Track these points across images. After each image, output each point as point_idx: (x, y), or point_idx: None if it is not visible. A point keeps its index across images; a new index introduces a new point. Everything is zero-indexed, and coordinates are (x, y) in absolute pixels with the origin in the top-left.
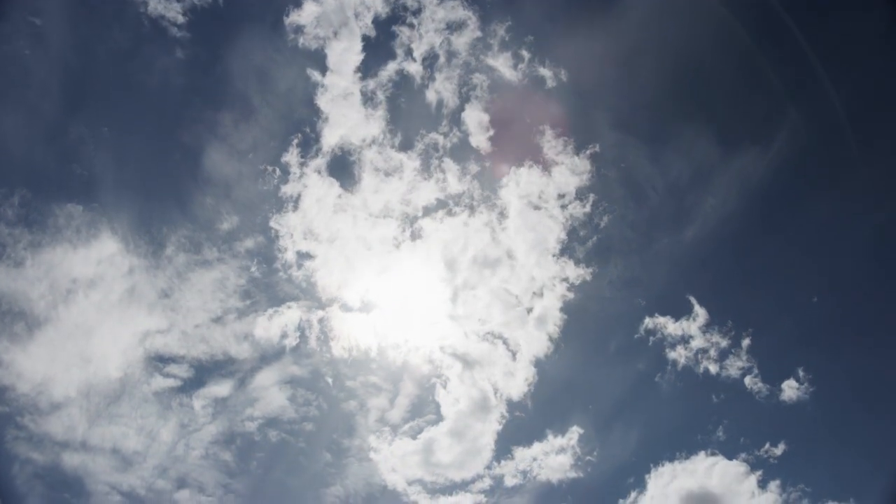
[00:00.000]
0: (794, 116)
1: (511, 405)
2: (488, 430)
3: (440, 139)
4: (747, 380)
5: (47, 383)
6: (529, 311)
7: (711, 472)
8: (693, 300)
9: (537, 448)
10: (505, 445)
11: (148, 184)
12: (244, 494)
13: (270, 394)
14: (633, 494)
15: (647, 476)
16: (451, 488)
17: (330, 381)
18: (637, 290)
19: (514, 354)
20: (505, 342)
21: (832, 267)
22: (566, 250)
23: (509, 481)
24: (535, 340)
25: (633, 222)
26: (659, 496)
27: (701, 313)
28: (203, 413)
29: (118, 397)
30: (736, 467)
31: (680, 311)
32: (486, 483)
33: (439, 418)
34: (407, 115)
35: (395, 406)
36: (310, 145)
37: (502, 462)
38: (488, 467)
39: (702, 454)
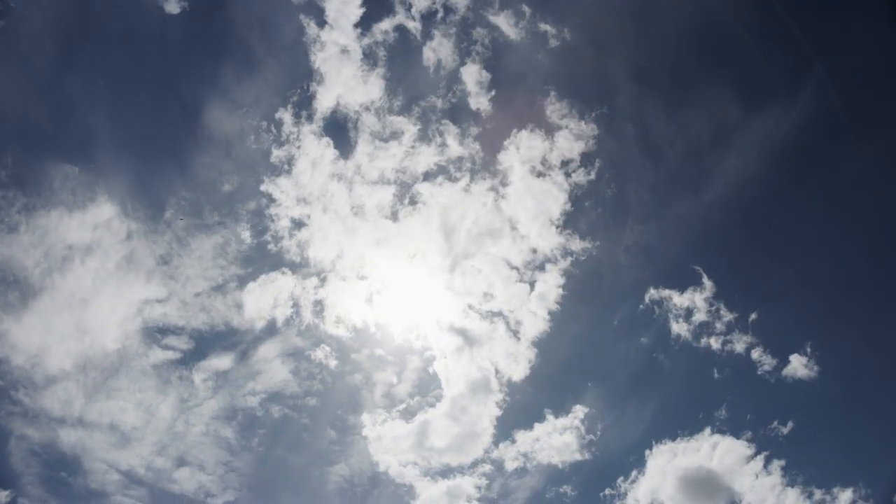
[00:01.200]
0: (820, 72)
1: (511, 385)
2: (488, 408)
3: (439, 102)
4: (754, 355)
5: (42, 355)
6: (531, 284)
7: (714, 451)
8: (702, 271)
9: (538, 429)
10: (506, 425)
11: (146, 141)
12: (246, 473)
13: (273, 367)
14: (633, 473)
15: (647, 454)
16: (451, 470)
17: (332, 354)
18: (645, 259)
19: (514, 331)
20: (505, 319)
21: (853, 237)
22: (570, 220)
23: (510, 463)
24: (536, 316)
25: (650, 185)
26: (660, 475)
27: (709, 285)
28: (203, 387)
29: (116, 371)
30: (740, 446)
31: (687, 283)
32: (487, 466)
33: (438, 399)
34: (405, 75)
35: (396, 384)
36: (305, 106)
37: (501, 445)
38: (488, 450)
39: (705, 432)
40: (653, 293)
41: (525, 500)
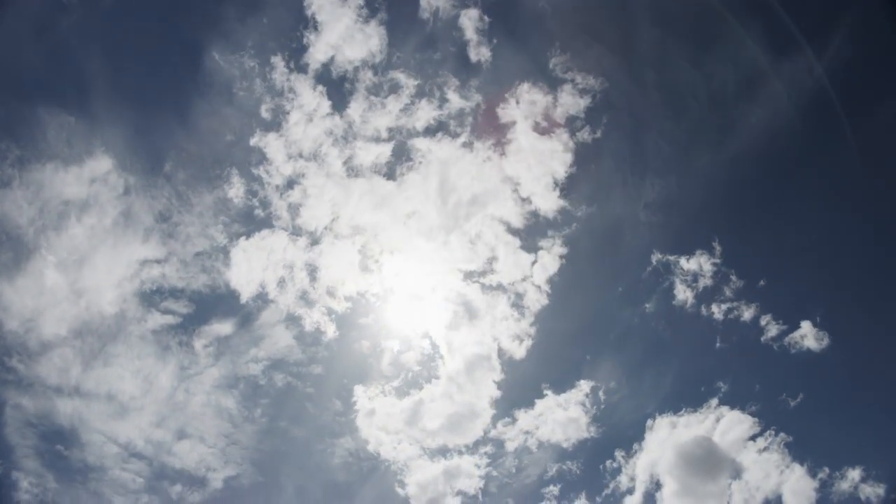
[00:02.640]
0: (853, 15)
1: (512, 360)
2: (489, 383)
3: (437, 54)
4: (762, 324)
5: (36, 320)
6: (533, 251)
7: (719, 424)
8: (714, 236)
9: (541, 406)
10: (507, 401)
11: (144, 88)
12: (247, 446)
13: (276, 332)
14: (636, 447)
15: (651, 426)
16: (448, 450)
17: (331, 320)
18: (665, 217)
19: (515, 302)
20: (506, 288)
21: (886, 199)
22: (576, 180)
23: (510, 443)
24: (537, 285)
25: (671, 137)
26: (663, 448)
27: (719, 250)
28: (204, 354)
29: (113, 337)
30: (745, 419)
31: (697, 246)
32: (488, 445)
33: (436, 375)
34: (403, 25)
35: (393, 356)
36: (298, 56)
37: (502, 422)
38: (486, 430)
39: (711, 403)
40: (660, 257)
41: (528, 479)
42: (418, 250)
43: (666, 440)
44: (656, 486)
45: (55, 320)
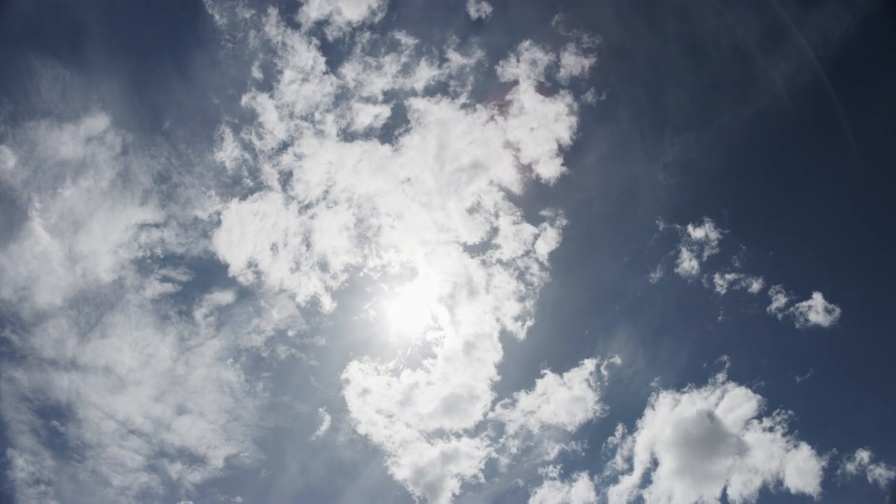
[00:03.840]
0: None
1: (512, 339)
2: (489, 362)
3: (437, 12)
4: (771, 297)
5: (31, 288)
6: (536, 221)
7: (723, 401)
8: (729, 200)
9: (541, 386)
10: (507, 382)
11: (141, 39)
12: (249, 423)
13: (279, 301)
14: (639, 424)
15: (656, 403)
16: (446, 433)
17: (329, 291)
18: (673, 183)
19: (516, 276)
20: (506, 264)
21: None
22: (581, 143)
23: (511, 425)
24: (539, 257)
25: (691, 92)
26: (667, 425)
27: (730, 217)
28: (205, 324)
29: (111, 306)
30: (751, 396)
31: (708, 213)
32: (489, 426)
33: (433, 354)
34: None
35: (389, 333)
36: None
37: (500, 405)
38: (486, 412)
39: (717, 379)
40: (669, 226)
41: (529, 460)
42: (416, 220)
43: (669, 419)
44: (656, 465)
45: (50, 289)
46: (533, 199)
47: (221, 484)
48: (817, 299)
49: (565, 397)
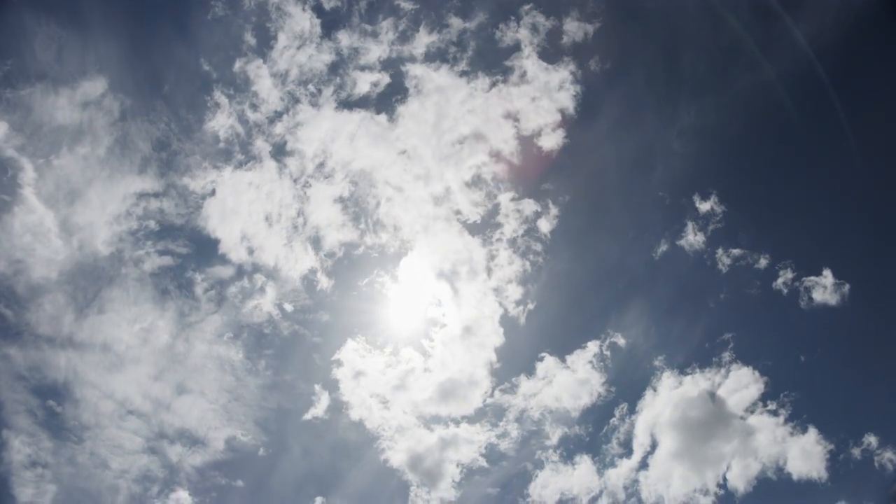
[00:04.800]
0: None
1: (512, 321)
2: (488, 348)
3: None
4: (777, 276)
5: (25, 261)
6: (537, 196)
7: (727, 382)
8: (737, 175)
9: (541, 370)
10: (507, 366)
11: None
12: (251, 403)
13: (281, 275)
14: (641, 406)
15: (659, 384)
16: (443, 419)
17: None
18: (689, 151)
19: (516, 254)
20: (505, 242)
21: None
22: (588, 112)
23: (512, 410)
24: (541, 235)
25: (708, 55)
26: (667, 409)
27: (741, 191)
28: (205, 299)
29: (109, 280)
30: (756, 378)
31: (714, 187)
32: (489, 411)
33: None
34: None
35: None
36: None
37: (500, 389)
38: (485, 397)
39: (722, 359)
40: (674, 200)
41: (530, 445)
42: (414, 195)
43: (673, 401)
44: (660, 448)
45: (45, 262)
46: (536, 173)
47: (222, 467)
48: (827, 276)
49: (567, 380)
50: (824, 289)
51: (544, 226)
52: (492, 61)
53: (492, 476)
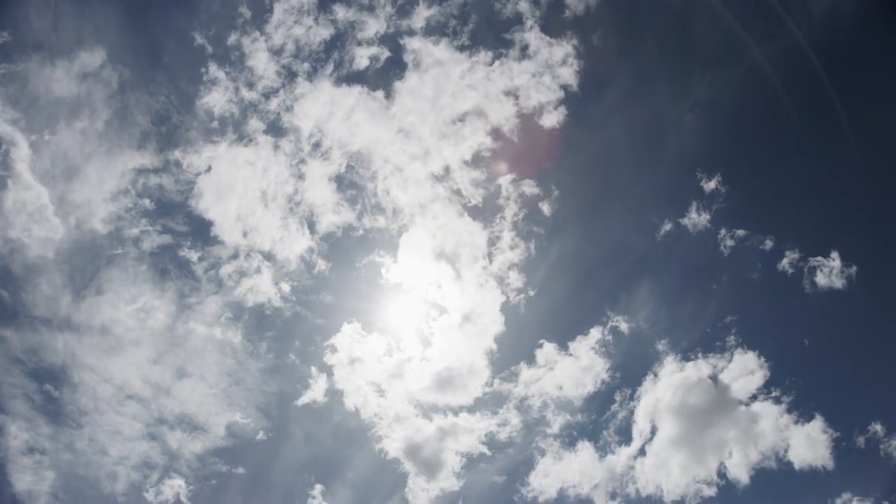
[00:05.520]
0: None
1: (513, 308)
2: (487, 336)
3: None
4: (782, 258)
5: (21, 240)
6: (538, 177)
7: (730, 369)
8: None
9: (542, 358)
10: (508, 354)
11: None
12: (252, 387)
13: (283, 252)
14: (642, 393)
15: (661, 370)
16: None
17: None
18: (702, 125)
19: (518, 237)
20: (507, 225)
21: None
22: (590, 90)
23: (514, 391)
24: (542, 216)
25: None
26: (669, 396)
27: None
28: (206, 279)
29: (108, 260)
30: (760, 365)
31: (715, 169)
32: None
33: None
34: None
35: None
36: None
37: (500, 377)
38: (486, 385)
39: (727, 343)
40: (675, 180)
41: (536, 431)
42: (411, 174)
43: (674, 387)
44: (662, 434)
45: (42, 241)
46: (538, 152)
47: (222, 454)
48: (835, 258)
49: (569, 367)
50: (831, 271)
51: (546, 208)
52: (493, 35)
53: (492, 465)
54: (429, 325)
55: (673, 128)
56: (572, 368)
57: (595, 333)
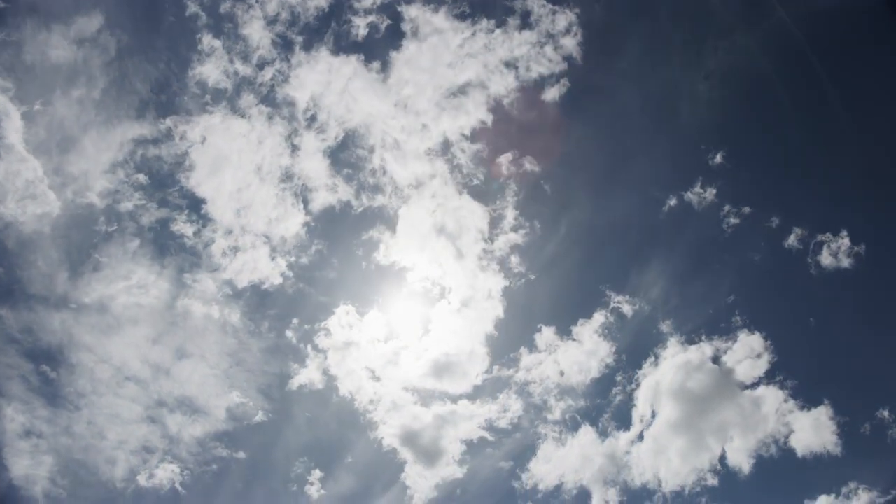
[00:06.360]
0: None
1: (514, 292)
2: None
3: None
4: (788, 236)
5: (15, 214)
6: (539, 153)
7: (734, 354)
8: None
9: (542, 343)
10: (508, 339)
11: None
12: (253, 368)
13: (283, 226)
14: (643, 378)
15: (664, 353)
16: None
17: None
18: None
19: (520, 218)
20: (508, 203)
21: None
22: (594, 60)
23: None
24: (543, 194)
25: None
26: (672, 380)
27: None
28: (206, 255)
29: (106, 235)
30: (765, 347)
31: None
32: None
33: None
34: None
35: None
36: None
37: (501, 363)
38: (485, 373)
39: (732, 323)
40: (680, 156)
41: (536, 417)
42: (409, 147)
43: (677, 371)
44: (666, 420)
45: (37, 216)
46: (539, 126)
47: (223, 438)
48: (844, 237)
49: (570, 352)
50: (838, 249)
51: (548, 186)
52: (495, 2)
53: (493, 453)
54: (427, 309)
55: (681, 101)
56: (573, 353)
57: (598, 317)
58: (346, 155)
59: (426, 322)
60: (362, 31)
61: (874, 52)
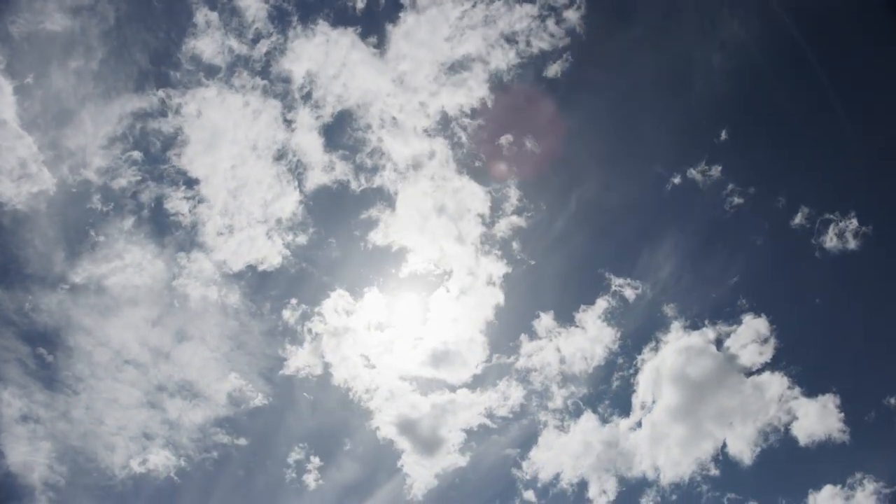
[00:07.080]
0: None
1: (514, 277)
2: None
3: None
4: (793, 217)
5: (8, 190)
6: (540, 132)
7: (738, 339)
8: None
9: (542, 331)
10: (508, 328)
11: None
12: (254, 351)
13: (283, 204)
14: (644, 365)
15: (666, 341)
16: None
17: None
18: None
19: (522, 200)
20: (509, 185)
21: None
22: (599, 33)
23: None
24: (545, 176)
25: None
26: (674, 366)
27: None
28: (201, 234)
29: (103, 214)
30: (770, 332)
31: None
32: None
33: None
34: None
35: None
36: None
37: (501, 352)
38: (485, 361)
39: (738, 307)
40: (684, 136)
41: (537, 404)
42: (407, 123)
43: (680, 356)
44: (668, 406)
45: (32, 193)
46: (541, 104)
47: (224, 423)
48: (852, 219)
49: (572, 338)
50: (846, 230)
51: (548, 165)
52: None
53: (498, 439)
54: (425, 296)
55: (690, 75)
56: (576, 339)
57: (601, 302)
58: (341, 134)
59: (424, 310)
60: (360, 4)
61: (890, 25)
